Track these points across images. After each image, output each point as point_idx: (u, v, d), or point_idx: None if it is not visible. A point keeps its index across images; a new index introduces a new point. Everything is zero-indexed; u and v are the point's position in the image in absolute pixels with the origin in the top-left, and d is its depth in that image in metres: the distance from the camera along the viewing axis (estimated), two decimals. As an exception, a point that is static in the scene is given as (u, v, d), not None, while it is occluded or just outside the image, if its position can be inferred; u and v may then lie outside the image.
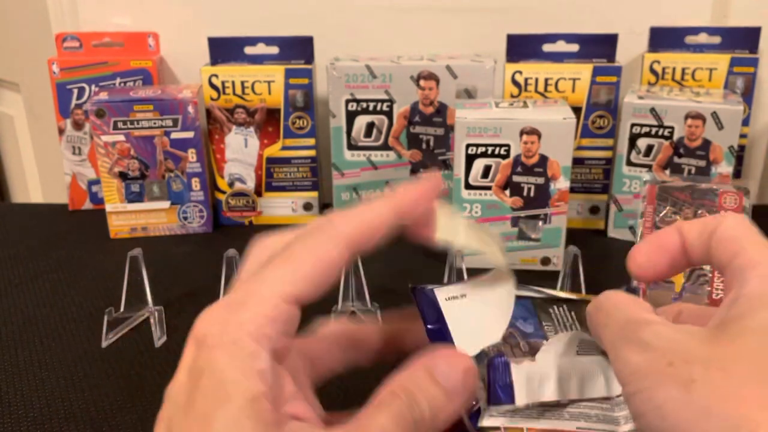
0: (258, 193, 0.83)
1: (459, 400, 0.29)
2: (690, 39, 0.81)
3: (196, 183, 0.80)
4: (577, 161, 0.79)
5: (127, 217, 0.80)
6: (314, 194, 0.83)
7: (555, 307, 0.35)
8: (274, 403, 0.26)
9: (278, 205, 0.83)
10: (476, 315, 0.33)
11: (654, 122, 0.72)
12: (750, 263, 0.27)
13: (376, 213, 0.30)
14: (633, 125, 0.73)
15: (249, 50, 0.81)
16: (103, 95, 0.77)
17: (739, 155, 0.80)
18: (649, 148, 0.73)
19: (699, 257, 0.31)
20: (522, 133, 0.67)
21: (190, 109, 0.76)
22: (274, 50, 0.81)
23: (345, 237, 0.29)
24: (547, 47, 0.80)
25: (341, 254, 0.28)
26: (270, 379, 0.26)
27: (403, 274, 0.69)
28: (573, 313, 0.35)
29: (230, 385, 0.25)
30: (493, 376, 0.31)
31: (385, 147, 0.80)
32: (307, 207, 0.84)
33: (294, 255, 0.28)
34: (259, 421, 0.25)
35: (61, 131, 0.86)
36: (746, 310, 0.25)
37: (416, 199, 0.31)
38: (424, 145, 0.80)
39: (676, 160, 0.73)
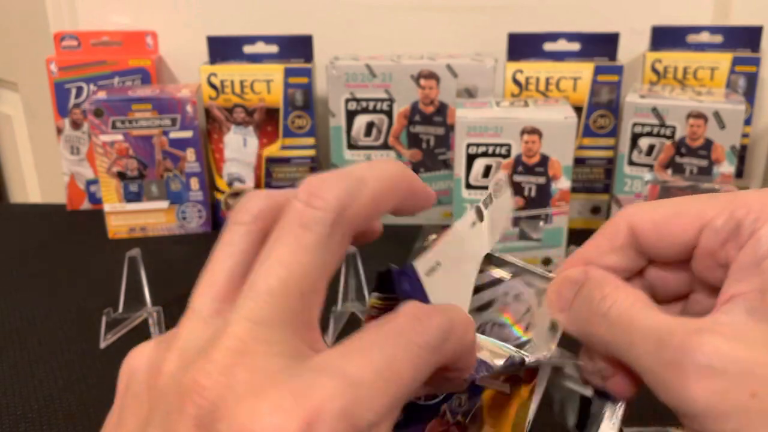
0: (257, 192, 0.82)
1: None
2: (692, 38, 0.81)
3: (194, 183, 0.79)
4: (579, 161, 0.79)
5: (125, 217, 0.79)
6: (314, 194, 0.83)
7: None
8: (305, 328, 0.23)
9: (278, 205, 0.83)
10: (452, 284, 0.30)
11: (656, 122, 0.72)
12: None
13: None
14: (634, 125, 0.73)
15: (248, 49, 0.81)
16: (102, 94, 0.77)
17: (741, 155, 0.80)
18: (651, 147, 0.73)
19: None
20: (523, 132, 0.66)
21: (189, 108, 0.76)
22: (273, 49, 0.81)
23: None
24: (548, 46, 0.80)
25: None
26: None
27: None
28: None
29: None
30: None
31: (385, 147, 0.79)
32: (307, 207, 0.83)
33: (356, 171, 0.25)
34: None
35: (59, 131, 0.85)
36: None
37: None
38: (424, 145, 0.79)
39: (677, 159, 0.73)
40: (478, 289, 0.32)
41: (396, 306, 0.24)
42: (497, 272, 0.32)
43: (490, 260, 0.32)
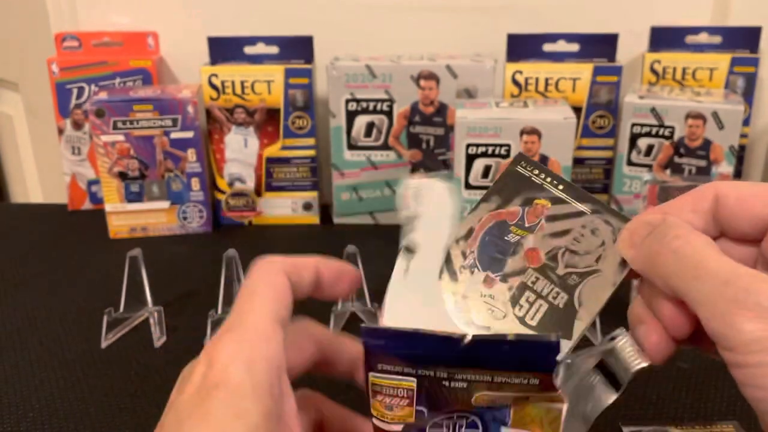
0: (258, 193, 0.83)
1: None
2: (690, 39, 0.81)
3: (195, 183, 0.79)
4: (578, 161, 0.79)
5: (126, 217, 0.79)
6: (314, 194, 0.83)
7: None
8: (279, 419, 0.28)
9: (278, 205, 0.83)
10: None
11: (654, 122, 0.72)
12: None
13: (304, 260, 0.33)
14: (633, 125, 0.73)
15: (249, 50, 0.81)
16: (103, 95, 0.77)
17: (740, 155, 0.80)
18: (650, 148, 0.73)
19: None
20: (522, 133, 0.67)
21: (190, 108, 0.76)
22: (273, 50, 0.81)
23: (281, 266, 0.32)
24: (548, 47, 0.80)
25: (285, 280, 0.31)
26: (277, 396, 0.28)
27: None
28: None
29: (246, 401, 0.26)
30: None
31: (385, 147, 0.80)
32: (307, 207, 0.83)
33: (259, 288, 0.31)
34: None
35: (60, 131, 0.86)
36: None
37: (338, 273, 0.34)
38: (424, 145, 0.79)
39: (676, 160, 0.73)
40: (556, 218, 0.34)
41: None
42: (579, 205, 0.34)
43: (574, 192, 0.34)
